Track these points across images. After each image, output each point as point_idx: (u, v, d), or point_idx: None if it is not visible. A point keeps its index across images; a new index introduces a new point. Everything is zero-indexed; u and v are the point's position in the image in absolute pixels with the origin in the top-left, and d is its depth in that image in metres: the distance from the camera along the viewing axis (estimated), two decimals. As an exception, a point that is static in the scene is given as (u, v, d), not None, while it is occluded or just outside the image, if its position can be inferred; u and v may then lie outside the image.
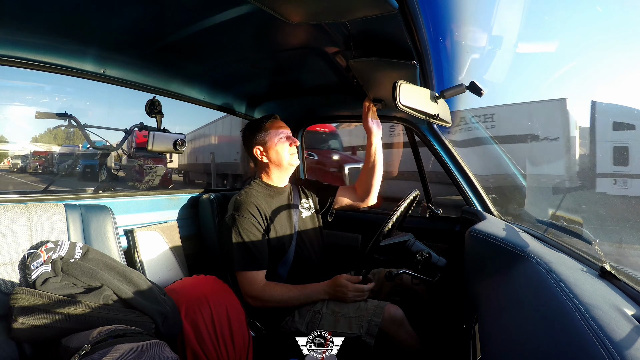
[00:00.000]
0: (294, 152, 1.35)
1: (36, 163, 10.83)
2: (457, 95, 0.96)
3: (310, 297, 1.17)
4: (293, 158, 1.35)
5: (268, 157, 1.33)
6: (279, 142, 1.32)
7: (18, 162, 11.15)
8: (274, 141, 1.32)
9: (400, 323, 1.08)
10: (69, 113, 1.51)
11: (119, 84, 1.32)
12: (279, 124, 1.36)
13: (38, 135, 14.88)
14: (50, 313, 0.76)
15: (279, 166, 1.34)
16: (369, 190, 1.43)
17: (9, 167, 11.20)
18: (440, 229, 1.59)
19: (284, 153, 1.32)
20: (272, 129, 1.33)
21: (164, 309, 0.91)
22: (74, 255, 0.90)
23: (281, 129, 1.34)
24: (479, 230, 0.92)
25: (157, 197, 1.48)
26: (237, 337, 1.02)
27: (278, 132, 1.33)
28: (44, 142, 13.66)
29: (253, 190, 1.30)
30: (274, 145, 1.32)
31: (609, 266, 0.61)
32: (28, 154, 11.25)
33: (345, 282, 1.13)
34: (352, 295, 1.13)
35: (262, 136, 1.33)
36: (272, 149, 1.32)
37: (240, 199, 1.26)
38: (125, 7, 0.90)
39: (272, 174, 1.35)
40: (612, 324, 0.42)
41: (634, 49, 3.25)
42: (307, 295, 1.17)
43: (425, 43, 0.94)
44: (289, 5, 0.76)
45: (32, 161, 10.97)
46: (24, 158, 11.35)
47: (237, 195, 1.29)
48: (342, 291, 1.13)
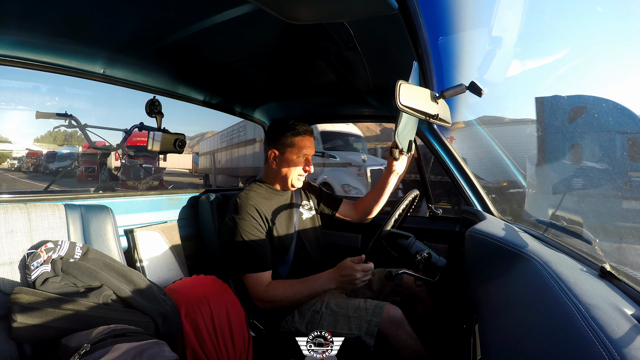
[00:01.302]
0: (302, 177, 1.34)
1: (28, 163, 12.17)
2: (457, 95, 0.96)
3: (316, 288, 1.14)
4: (298, 182, 1.33)
5: (278, 166, 1.31)
6: (296, 161, 1.30)
7: (15, 162, 12.52)
8: (292, 157, 1.29)
9: (400, 324, 1.07)
10: (69, 113, 1.51)
11: (119, 84, 1.32)
12: (307, 142, 1.31)
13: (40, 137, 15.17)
14: (50, 313, 0.76)
15: (283, 180, 1.33)
16: (368, 214, 1.45)
17: (8, 167, 12.44)
18: (440, 229, 1.59)
19: (294, 174, 1.31)
20: (298, 145, 1.29)
21: (164, 309, 0.91)
22: (73, 255, 0.90)
23: (305, 150, 1.30)
24: (479, 230, 0.92)
25: (157, 197, 1.48)
26: (237, 337, 1.02)
27: (301, 151, 1.30)
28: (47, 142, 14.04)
29: (253, 193, 1.29)
30: (290, 161, 1.29)
31: (609, 266, 0.61)
32: (23, 155, 12.39)
33: (350, 263, 1.09)
34: (361, 275, 1.08)
35: (285, 144, 1.29)
36: (285, 162, 1.30)
37: (240, 201, 1.25)
38: (125, 7, 0.90)
39: (276, 181, 1.35)
40: (612, 324, 0.42)
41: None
42: (312, 287, 1.14)
43: (426, 43, 0.94)
44: (289, 5, 0.76)
45: (25, 161, 12.33)
46: (20, 159, 12.66)
47: (237, 197, 1.28)
48: (350, 273, 1.08)
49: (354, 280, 1.09)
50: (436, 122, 0.98)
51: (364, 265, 1.09)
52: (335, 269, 1.14)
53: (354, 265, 1.08)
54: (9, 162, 12.66)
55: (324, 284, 1.13)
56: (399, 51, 1.03)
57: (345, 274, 1.10)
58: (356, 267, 1.08)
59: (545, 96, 1.42)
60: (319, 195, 1.51)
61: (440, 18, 0.94)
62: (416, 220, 1.68)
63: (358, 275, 1.08)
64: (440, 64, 1.10)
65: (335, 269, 1.13)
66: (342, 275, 1.11)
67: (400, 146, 1.00)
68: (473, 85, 0.91)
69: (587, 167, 1.12)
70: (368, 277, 1.12)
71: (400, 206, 1.25)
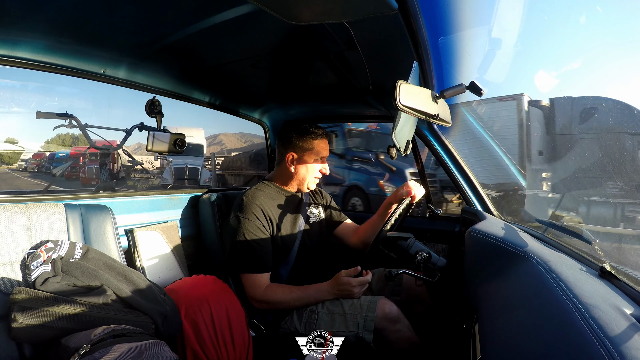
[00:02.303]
0: (318, 179, 1.35)
1: (33, 164, 13.14)
2: (457, 95, 0.96)
3: (314, 298, 1.15)
4: (313, 184, 1.34)
5: (296, 169, 1.31)
6: (314, 164, 1.30)
7: (23, 163, 13.57)
8: (310, 160, 1.30)
9: (397, 320, 1.08)
10: (70, 113, 1.51)
11: (119, 84, 1.32)
12: (324, 145, 1.32)
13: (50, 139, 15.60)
14: (50, 313, 0.76)
15: (300, 183, 1.33)
16: (365, 244, 1.40)
17: (17, 167, 13.40)
18: (440, 229, 1.59)
19: (311, 177, 1.32)
20: (317, 147, 1.30)
21: (163, 309, 0.91)
22: (73, 255, 0.90)
23: (323, 152, 1.32)
24: (479, 230, 0.92)
25: (157, 197, 1.48)
26: (237, 337, 1.02)
27: (320, 154, 1.31)
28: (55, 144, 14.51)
29: (260, 192, 1.28)
30: (308, 164, 1.30)
31: (609, 266, 0.61)
32: (29, 157, 13.36)
33: (346, 279, 1.11)
34: (358, 289, 1.11)
35: (303, 147, 1.29)
36: (303, 165, 1.30)
37: (245, 200, 1.24)
38: (126, 7, 0.90)
39: (289, 183, 1.35)
40: (612, 324, 0.42)
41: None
42: (310, 296, 1.15)
43: (426, 43, 0.94)
44: (289, 5, 0.76)
45: (31, 163, 13.29)
46: (27, 160, 13.61)
47: (243, 195, 1.27)
48: (347, 288, 1.11)
49: (352, 294, 1.12)
50: (436, 122, 0.98)
51: (360, 279, 1.11)
52: (332, 282, 1.15)
53: (350, 280, 1.11)
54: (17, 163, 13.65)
55: (322, 295, 1.15)
56: (398, 51, 1.03)
57: (342, 288, 1.12)
58: (352, 281, 1.11)
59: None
60: (327, 205, 1.50)
61: (440, 18, 0.94)
62: (416, 220, 1.68)
63: (355, 290, 1.11)
64: (440, 64, 1.10)
65: (333, 282, 1.15)
66: (339, 289, 1.13)
67: (397, 145, 1.00)
68: (473, 85, 0.91)
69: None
70: (365, 288, 1.14)
71: (400, 207, 1.25)
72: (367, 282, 1.13)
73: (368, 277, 1.14)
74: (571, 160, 1.30)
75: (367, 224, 1.42)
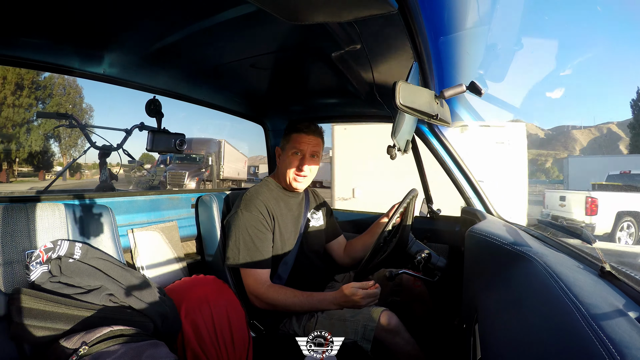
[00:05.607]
0: (300, 178, 1.29)
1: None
2: (457, 95, 0.95)
3: (316, 308, 1.13)
4: (295, 182, 1.29)
5: (279, 163, 1.32)
6: (291, 157, 1.28)
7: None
8: (289, 152, 1.28)
9: (397, 332, 1.05)
10: (69, 113, 1.51)
11: (119, 84, 1.32)
12: (303, 138, 1.27)
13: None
14: (49, 313, 0.76)
15: (284, 178, 1.31)
16: (354, 260, 1.38)
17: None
18: (440, 229, 1.59)
19: (290, 172, 1.28)
20: (294, 141, 1.27)
21: (163, 309, 0.91)
22: (73, 255, 0.90)
23: (300, 146, 1.26)
24: (479, 230, 0.92)
25: (157, 197, 1.48)
26: (237, 338, 1.02)
27: (296, 148, 1.26)
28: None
29: (264, 189, 1.29)
30: (286, 157, 1.29)
31: (609, 266, 0.61)
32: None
33: (353, 290, 1.07)
34: (366, 302, 1.07)
35: (286, 140, 1.30)
36: (284, 159, 1.30)
37: (250, 195, 1.25)
38: (125, 6, 0.90)
39: (280, 178, 1.35)
40: (612, 324, 0.41)
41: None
42: (312, 305, 1.13)
43: (426, 43, 0.94)
44: (289, 5, 0.76)
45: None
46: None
47: (247, 191, 1.29)
48: (353, 300, 1.07)
49: (358, 305, 1.08)
50: (436, 122, 0.98)
51: (368, 292, 1.06)
52: (340, 293, 1.10)
53: (357, 292, 1.06)
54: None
55: (326, 305, 1.12)
56: (398, 51, 1.03)
57: (349, 300, 1.08)
58: (359, 293, 1.06)
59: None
60: (327, 214, 1.50)
61: (440, 18, 0.94)
62: (416, 221, 1.68)
63: (363, 303, 1.07)
64: (441, 64, 1.09)
65: (340, 294, 1.10)
66: (346, 300, 1.09)
67: (398, 145, 1.00)
68: (473, 85, 0.91)
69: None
70: (375, 301, 1.08)
71: (400, 207, 1.24)
72: (376, 295, 1.08)
73: (377, 290, 1.09)
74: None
75: (357, 240, 1.43)
